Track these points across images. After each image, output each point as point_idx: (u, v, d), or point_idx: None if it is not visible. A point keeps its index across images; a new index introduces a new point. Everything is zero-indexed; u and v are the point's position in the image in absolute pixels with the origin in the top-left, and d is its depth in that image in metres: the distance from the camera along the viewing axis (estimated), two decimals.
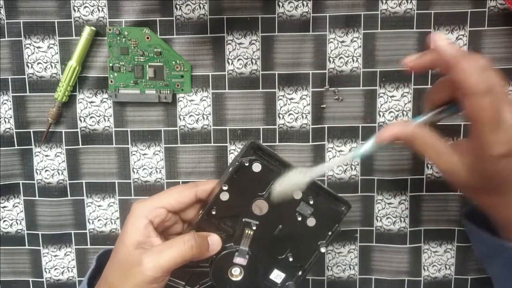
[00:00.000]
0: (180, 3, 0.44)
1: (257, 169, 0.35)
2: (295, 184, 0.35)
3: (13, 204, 0.48)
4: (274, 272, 0.37)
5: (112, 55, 0.44)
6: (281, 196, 0.35)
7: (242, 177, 0.35)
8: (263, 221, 0.36)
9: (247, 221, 0.36)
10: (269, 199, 0.35)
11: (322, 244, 0.37)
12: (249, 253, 0.36)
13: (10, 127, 0.46)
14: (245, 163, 0.35)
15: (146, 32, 0.44)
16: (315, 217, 0.36)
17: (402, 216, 0.47)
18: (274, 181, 0.35)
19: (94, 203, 0.47)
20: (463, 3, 0.43)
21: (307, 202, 0.36)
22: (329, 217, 0.36)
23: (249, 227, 0.36)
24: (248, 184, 0.35)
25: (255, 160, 0.35)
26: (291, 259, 0.37)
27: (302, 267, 0.37)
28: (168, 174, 0.47)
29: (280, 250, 0.37)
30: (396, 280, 0.48)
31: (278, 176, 0.35)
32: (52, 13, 0.44)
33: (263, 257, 0.37)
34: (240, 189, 0.35)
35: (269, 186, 0.35)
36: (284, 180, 0.35)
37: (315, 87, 0.45)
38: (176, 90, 0.45)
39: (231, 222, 0.36)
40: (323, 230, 0.37)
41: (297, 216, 0.36)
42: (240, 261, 0.36)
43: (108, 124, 0.46)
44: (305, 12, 0.44)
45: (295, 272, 0.37)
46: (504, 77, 0.30)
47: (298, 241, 0.37)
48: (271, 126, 0.46)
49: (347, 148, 0.46)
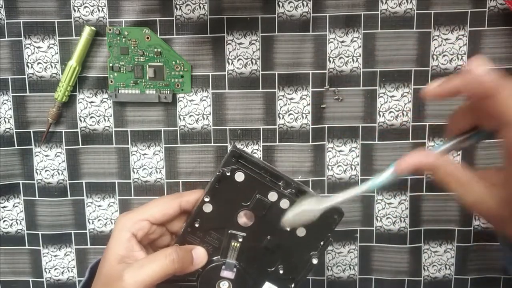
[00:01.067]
0: (180, 3, 0.44)
1: (240, 179, 0.33)
2: (309, 214, 0.33)
3: (13, 204, 0.48)
4: (265, 285, 0.36)
5: (112, 55, 0.44)
6: (293, 224, 0.33)
7: (225, 187, 0.34)
8: (250, 232, 0.34)
9: (233, 233, 0.34)
10: (255, 209, 0.34)
11: (314, 255, 0.35)
12: (236, 266, 0.35)
13: (10, 127, 0.46)
14: (227, 172, 0.33)
15: (146, 32, 0.44)
16: (306, 227, 0.34)
17: (402, 216, 0.47)
18: (260, 190, 0.33)
19: (94, 203, 0.47)
20: (463, 3, 0.43)
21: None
22: (321, 226, 0.34)
23: (236, 239, 0.34)
24: (232, 195, 0.34)
25: (238, 169, 0.33)
26: (281, 272, 0.35)
27: (294, 279, 0.36)
28: (168, 174, 0.47)
29: (269, 262, 0.36)
30: (396, 280, 0.48)
31: (263, 185, 0.33)
32: (52, 13, 0.44)
33: (252, 269, 0.35)
34: (224, 199, 0.34)
35: (254, 196, 0.34)
36: (297, 208, 0.33)
37: (315, 87, 0.45)
38: (176, 90, 0.45)
39: (217, 234, 0.35)
40: (315, 240, 0.35)
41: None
42: (228, 274, 0.35)
43: (108, 124, 0.46)
44: (305, 12, 0.44)
45: (287, 284, 0.36)
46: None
47: (288, 253, 0.35)
48: (271, 126, 0.46)
49: (347, 148, 0.46)
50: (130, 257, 0.33)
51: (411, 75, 0.45)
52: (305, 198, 0.34)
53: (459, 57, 0.44)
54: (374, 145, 0.46)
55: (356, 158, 0.46)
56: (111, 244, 0.34)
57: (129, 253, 0.33)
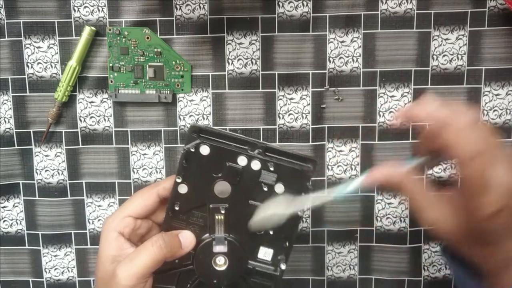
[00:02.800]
0: (180, 3, 0.44)
1: (205, 152, 0.33)
2: (276, 218, 0.34)
3: (13, 204, 0.48)
4: (260, 250, 0.36)
5: (112, 55, 0.44)
6: (260, 228, 0.34)
7: (193, 164, 0.33)
8: (231, 202, 0.34)
9: (214, 206, 0.34)
10: (228, 178, 0.34)
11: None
12: (226, 238, 0.35)
13: (10, 127, 0.46)
14: (191, 149, 0.33)
15: (146, 32, 0.44)
16: (282, 182, 0.34)
17: (402, 216, 0.47)
18: (228, 158, 0.33)
19: (94, 203, 0.47)
20: (463, 3, 0.43)
21: (267, 170, 0.34)
22: (297, 178, 0.34)
23: (218, 212, 0.34)
24: (202, 169, 0.34)
25: (201, 143, 0.33)
26: (271, 232, 0.35)
27: (286, 238, 0.35)
28: (168, 174, 0.47)
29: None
30: (396, 280, 0.48)
31: (230, 152, 0.33)
32: (52, 13, 0.44)
33: (242, 238, 0.35)
34: (196, 176, 0.34)
35: (224, 165, 0.33)
36: (264, 212, 0.33)
37: (315, 87, 0.45)
38: (176, 90, 0.45)
39: (200, 212, 0.34)
40: (295, 194, 0.34)
41: (263, 186, 0.34)
42: (220, 248, 0.35)
43: (108, 124, 0.46)
44: (305, 12, 0.44)
45: (281, 244, 0.36)
46: (494, 130, 0.30)
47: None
48: (271, 126, 0.46)
49: (347, 148, 0.46)
50: (121, 256, 0.33)
51: (411, 75, 0.45)
52: (273, 200, 0.34)
53: (459, 57, 0.44)
54: (374, 145, 0.46)
55: (356, 158, 0.46)
56: (101, 247, 0.34)
57: (120, 252, 0.33)
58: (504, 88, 0.45)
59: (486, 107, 0.45)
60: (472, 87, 0.45)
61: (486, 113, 0.45)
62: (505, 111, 0.45)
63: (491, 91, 0.45)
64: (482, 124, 0.31)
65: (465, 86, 0.45)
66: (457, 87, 0.45)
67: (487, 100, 0.45)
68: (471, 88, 0.45)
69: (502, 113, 0.45)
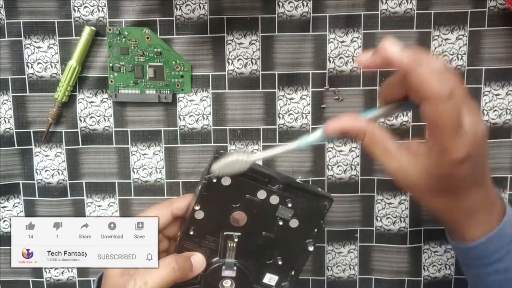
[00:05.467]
0: (180, 3, 0.44)
1: (226, 183, 0.34)
2: (238, 164, 0.33)
3: (13, 204, 0.48)
4: (266, 276, 0.37)
5: (112, 55, 0.44)
6: (220, 172, 0.33)
7: (213, 193, 0.34)
8: (244, 231, 0.35)
9: (228, 234, 0.35)
10: (246, 209, 0.35)
11: (309, 243, 0.36)
12: (236, 264, 0.36)
13: (10, 127, 0.46)
14: (213, 179, 0.34)
15: (146, 32, 0.44)
16: (297, 218, 0.35)
17: (402, 216, 0.47)
18: (248, 190, 0.34)
19: (94, 203, 0.47)
20: (463, 3, 0.43)
21: (285, 205, 0.35)
22: (312, 215, 0.35)
23: (231, 239, 0.35)
24: (221, 199, 0.34)
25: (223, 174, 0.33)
26: (280, 262, 0.36)
27: (293, 267, 0.37)
28: (168, 174, 0.47)
29: (267, 256, 0.36)
30: (396, 280, 0.48)
31: (250, 185, 0.34)
32: (52, 13, 0.44)
33: (251, 265, 0.36)
34: (214, 205, 0.35)
35: (244, 196, 0.34)
36: (227, 158, 0.33)
37: (315, 87, 0.45)
38: (176, 90, 0.45)
39: (213, 237, 0.35)
40: (308, 229, 0.36)
41: (278, 220, 0.35)
42: (229, 273, 0.36)
43: (108, 124, 0.46)
44: (305, 12, 0.44)
45: (288, 272, 0.37)
46: (460, 78, 0.29)
47: (284, 245, 0.36)
48: (271, 126, 0.46)
49: (347, 148, 0.46)
50: (130, 269, 0.33)
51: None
52: (237, 151, 0.34)
53: (459, 57, 0.44)
54: None
55: (356, 158, 0.46)
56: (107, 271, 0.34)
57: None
58: (504, 88, 0.45)
59: (486, 107, 0.45)
60: (472, 87, 0.45)
61: (486, 113, 0.45)
62: (505, 111, 0.45)
63: (491, 91, 0.45)
64: (451, 67, 0.30)
65: (465, 86, 0.45)
66: None
67: (487, 100, 0.45)
68: (471, 88, 0.45)
69: (502, 113, 0.45)
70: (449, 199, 0.32)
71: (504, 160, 0.45)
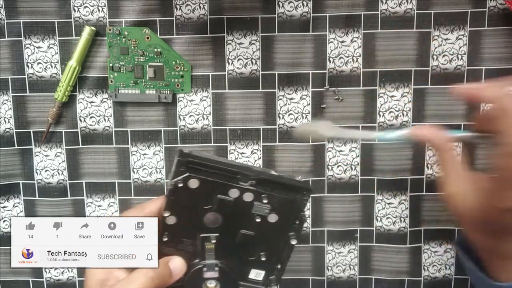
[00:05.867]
0: (180, 3, 0.44)
1: (194, 185, 0.32)
2: (317, 135, 0.37)
3: (13, 204, 0.48)
4: (252, 272, 0.35)
5: (112, 55, 0.44)
6: (301, 136, 0.36)
7: (182, 197, 0.32)
8: (221, 231, 0.34)
9: (204, 236, 0.34)
10: (219, 210, 0.33)
11: (291, 236, 0.34)
12: (217, 264, 0.34)
13: (10, 127, 0.46)
14: (179, 184, 0.32)
15: (146, 32, 0.44)
16: (275, 212, 0.33)
17: (402, 216, 0.47)
18: (218, 190, 0.32)
19: (94, 203, 0.47)
20: (463, 3, 0.43)
21: (261, 201, 0.33)
22: (291, 208, 0.34)
23: (209, 241, 0.34)
24: (191, 202, 0.33)
25: (189, 176, 0.32)
26: (264, 259, 0.35)
27: (278, 261, 0.35)
28: (168, 174, 0.47)
29: (249, 253, 0.35)
30: (396, 280, 0.48)
31: (220, 184, 0.32)
32: (52, 13, 0.44)
33: (234, 264, 0.35)
34: (184, 209, 0.33)
35: (215, 197, 0.33)
36: (310, 126, 0.36)
37: (315, 87, 0.45)
38: (176, 90, 0.45)
39: (190, 240, 0.34)
40: (289, 222, 0.34)
41: (256, 217, 0.34)
42: (211, 274, 0.34)
43: (108, 124, 0.46)
44: (305, 12, 0.44)
45: (273, 265, 0.35)
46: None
47: (265, 241, 0.35)
48: (271, 126, 0.46)
49: (347, 148, 0.46)
50: (110, 279, 0.33)
51: (411, 75, 0.45)
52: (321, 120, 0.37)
53: (459, 57, 0.44)
54: (374, 145, 0.46)
55: (356, 158, 0.46)
56: (88, 271, 0.34)
57: (108, 275, 0.33)
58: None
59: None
60: None
61: None
62: None
63: None
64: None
65: None
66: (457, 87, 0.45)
67: None
68: None
69: None
70: (489, 238, 0.33)
71: None
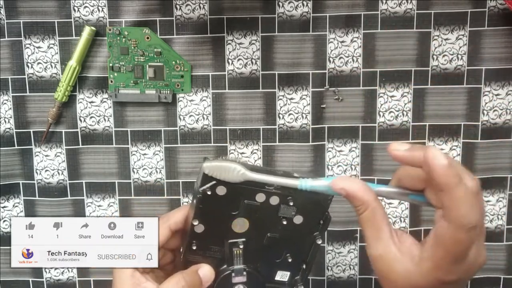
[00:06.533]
0: (180, 3, 0.44)
1: (222, 192, 0.32)
2: (228, 176, 0.32)
3: (13, 204, 0.48)
4: (278, 273, 0.36)
5: (112, 55, 0.44)
6: (209, 174, 0.32)
7: (210, 205, 0.33)
8: (249, 236, 0.34)
9: (232, 242, 0.34)
10: (246, 215, 0.34)
11: (317, 236, 0.35)
12: (245, 269, 0.35)
13: (10, 127, 0.46)
14: (207, 192, 0.32)
15: (146, 32, 0.44)
16: (301, 214, 0.34)
17: (402, 216, 0.47)
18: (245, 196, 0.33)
19: (94, 203, 0.47)
20: (463, 3, 0.43)
21: (287, 204, 0.33)
22: (315, 208, 0.34)
23: (237, 246, 0.34)
24: (219, 209, 0.33)
25: (216, 184, 0.32)
26: (290, 260, 0.36)
27: (304, 261, 0.36)
28: (168, 174, 0.47)
29: (276, 255, 0.36)
30: None
31: (247, 190, 0.32)
32: (52, 13, 0.44)
33: (261, 267, 0.36)
34: (212, 216, 0.33)
35: (242, 202, 0.33)
36: (218, 164, 0.31)
37: (315, 87, 0.45)
38: (176, 90, 0.45)
39: (217, 247, 0.35)
40: (314, 222, 0.35)
41: (282, 220, 0.34)
42: (240, 279, 0.35)
43: (108, 124, 0.46)
44: (305, 12, 0.44)
45: (299, 266, 0.36)
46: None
47: (291, 242, 0.35)
48: (271, 126, 0.46)
49: (347, 148, 0.46)
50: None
51: (411, 75, 0.45)
52: (233, 161, 0.33)
53: (459, 57, 0.44)
54: (374, 145, 0.46)
55: (356, 158, 0.46)
56: (117, 285, 0.34)
57: (137, 287, 0.33)
58: (504, 88, 0.45)
59: (486, 107, 0.45)
60: (472, 87, 0.45)
61: (486, 113, 0.45)
62: (505, 111, 0.45)
63: (491, 91, 0.45)
64: (481, 194, 0.29)
65: (465, 86, 0.45)
66: (457, 87, 0.45)
67: (487, 100, 0.45)
68: (471, 88, 0.45)
69: (502, 113, 0.45)
70: None
71: (504, 160, 0.45)
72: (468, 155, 0.45)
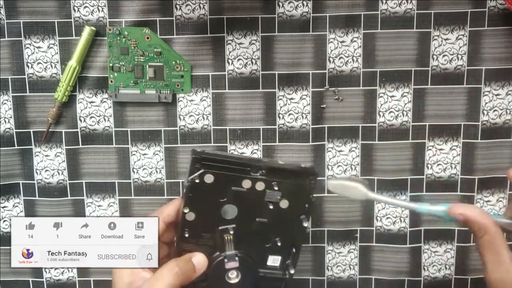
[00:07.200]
0: (180, 3, 0.44)
1: (210, 180, 0.34)
2: (352, 194, 0.36)
3: (13, 204, 0.48)
4: (269, 258, 0.37)
5: (112, 55, 0.44)
6: (333, 190, 0.36)
7: (199, 193, 0.34)
8: (238, 222, 0.36)
9: (222, 228, 0.36)
10: (235, 201, 0.35)
11: (303, 219, 0.37)
12: (237, 254, 0.36)
13: (10, 127, 0.46)
14: (196, 180, 0.34)
15: (146, 32, 0.44)
16: (286, 198, 0.36)
17: (402, 216, 0.47)
18: (232, 183, 0.35)
19: (94, 203, 0.47)
20: (463, 3, 0.43)
21: (272, 189, 0.35)
22: (300, 192, 0.36)
23: (227, 232, 0.36)
24: (208, 197, 0.35)
25: (204, 172, 0.34)
26: (279, 244, 0.37)
27: (293, 245, 0.37)
28: (168, 174, 0.47)
29: (265, 240, 0.37)
30: (396, 280, 0.48)
31: (234, 177, 0.35)
32: (52, 13, 0.44)
33: (252, 252, 0.37)
34: (202, 204, 0.35)
35: (229, 189, 0.35)
36: (342, 183, 0.36)
37: (315, 87, 0.45)
38: (176, 90, 0.45)
39: (209, 234, 0.36)
40: (299, 206, 0.36)
41: (269, 204, 0.36)
42: (232, 264, 0.36)
43: (108, 124, 0.46)
44: (305, 12, 0.44)
45: (289, 251, 0.37)
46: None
47: (279, 226, 0.37)
48: (271, 126, 0.46)
49: (347, 148, 0.46)
50: (137, 280, 0.34)
51: (411, 75, 0.45)
52: (356, 180, 0.36)
53: (459, 57, 0.44)
54: (374, 145, 0.46)
55: (356, 158, 0.46)
56: (115, 276, 0.34)
57: (135, 277, 0.34)
58: (504, 88, 0.45)
59: (486, 107, 0.45)
60: (472, 87, 0.45)
61: (486, 113, 0.45)
62: (505, 111, 0.45)
63: (491, 91, 0.45)
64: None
65: (465, 86, 0.45)
66: (457, 87, 0.45)
67: (487, 100, 0.45)
68: (471, 88, 0.45)
69: (502, 113, 0.45)
70: None
71: (504, 160, 0.45)
72: (468, 155, 0.45)
